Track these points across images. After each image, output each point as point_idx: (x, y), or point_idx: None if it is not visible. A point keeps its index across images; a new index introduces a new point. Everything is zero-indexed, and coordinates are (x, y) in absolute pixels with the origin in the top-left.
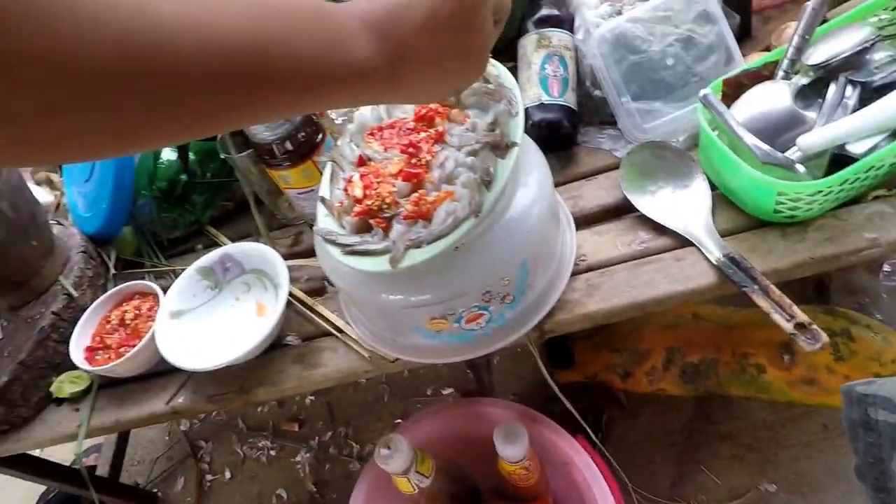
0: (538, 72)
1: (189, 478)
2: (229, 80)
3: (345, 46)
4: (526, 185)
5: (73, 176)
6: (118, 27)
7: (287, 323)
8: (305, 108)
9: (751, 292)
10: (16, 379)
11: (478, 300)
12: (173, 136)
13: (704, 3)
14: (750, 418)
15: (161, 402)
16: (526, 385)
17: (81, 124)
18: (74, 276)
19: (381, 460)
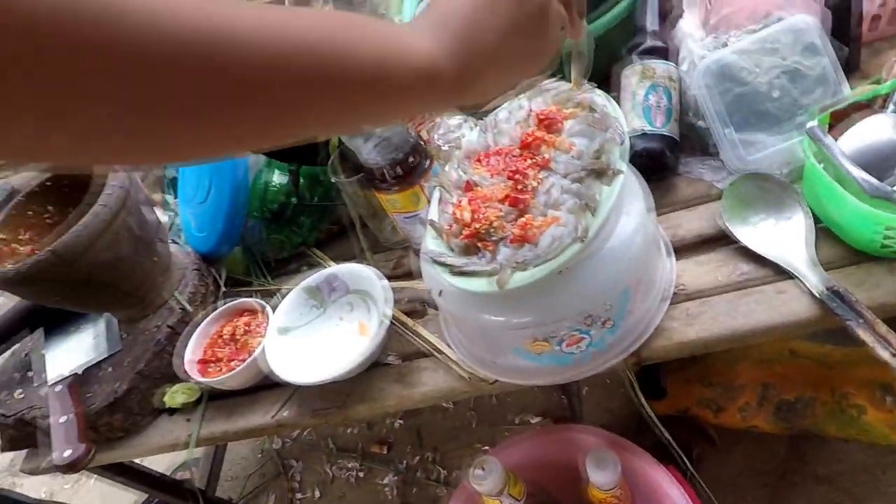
0: (641, 102)
1: (279, 495)
2: (304, 86)
3: (409, 55)
4: (629, 213)
5: (187, 197)
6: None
7: (388, 343)
8: (377, 115)
9: (855, 326)
10: (134, 388)
11: (579, 324)
12: (250, 140)
13: (812, 36)
14: (848, 461)
15: (267, 415)
16: (614, 417)
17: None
18: (189, 291)
19: (474, 481)
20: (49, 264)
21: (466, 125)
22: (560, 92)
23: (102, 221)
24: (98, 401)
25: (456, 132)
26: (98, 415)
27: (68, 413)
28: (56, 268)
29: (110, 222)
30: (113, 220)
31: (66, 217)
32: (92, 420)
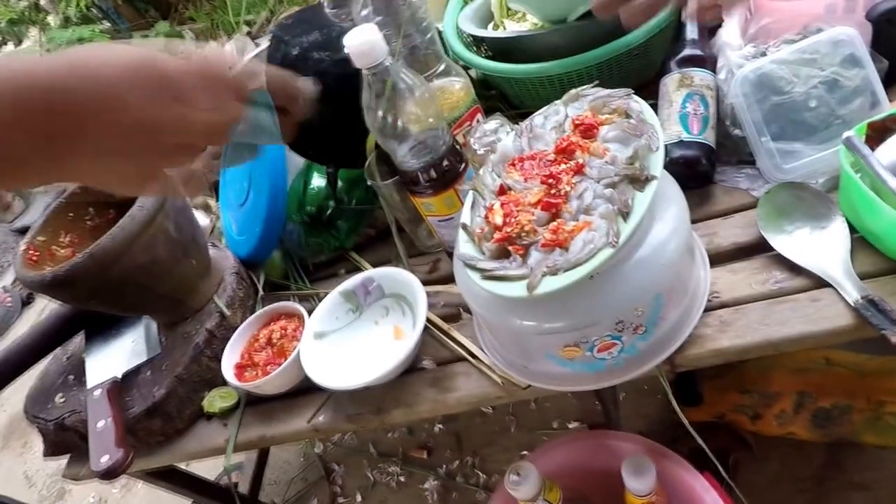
0: (679, 110)
1: (322, 499)
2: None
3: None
4: (663, 219)
5: (228, 201)
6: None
7: (423, 347)
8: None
9: (890, 335)
10: (172, 392)
11: (611, 329)
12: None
13: (852, 47)
14: (886, 469)
15: (303, 419)
16: (650, 423)
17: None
18: (227, 295)
19: (510, 486)
20: (85, 267)
21: (503, 129)
22: (597, 97)
23: (139, 224)
24: (137, 406)
25: (492, 136)
26: (137, 420)
27: (106, 418)
28: (92, 271)
29: (147, 225)
30: (150, 222)
31: (105, 219)
32: (131, 425)
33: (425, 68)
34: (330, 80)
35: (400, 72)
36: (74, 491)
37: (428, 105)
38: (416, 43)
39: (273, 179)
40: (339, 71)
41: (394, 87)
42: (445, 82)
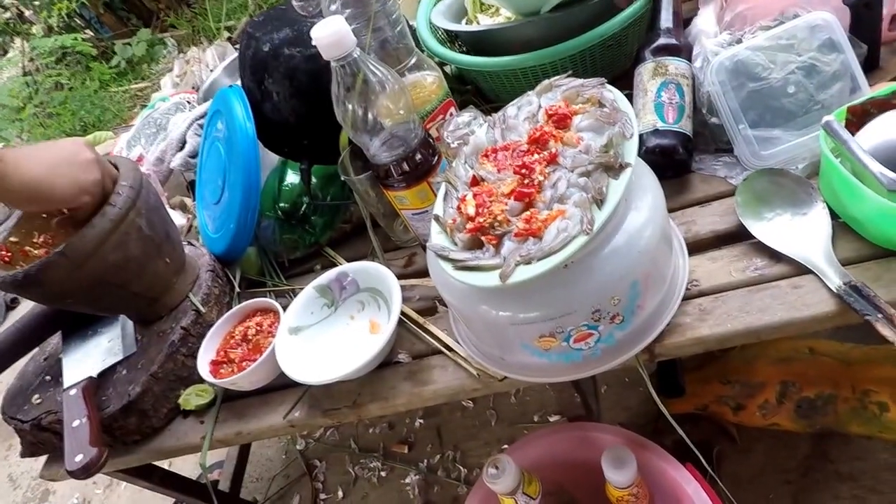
0: (654, 99)
1: (304, 496)
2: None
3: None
4: (638, 208)
5: (204, 199)
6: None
7: (399, 341)
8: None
9: (874, 321)
10: (147, 390)
11: (587, 319)
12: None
13: (830, 32)
14: (871, 459)
15: (279, 415)
16: (632, 416)
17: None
18: (203, 293)
19: (488, 480)
20: (57, 266)
21: (476, 122)
22: (570, 87)
23: (110, 222)
24: (113, 404)
25: (465, 129)
26: (113, 418)
27: (81, 417)
28: (65, 269)
29: (119, 223)
30: (122, 220)
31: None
32: (107, 424)
33: (396, 62)
34: (302, 76)
35: (370, 65)
36: (59, 492)
37: (399, 98)
38: (386, 36)
39: (247, 177)
40: (310, 67)
41: (365, 80)
42: (418, 76)
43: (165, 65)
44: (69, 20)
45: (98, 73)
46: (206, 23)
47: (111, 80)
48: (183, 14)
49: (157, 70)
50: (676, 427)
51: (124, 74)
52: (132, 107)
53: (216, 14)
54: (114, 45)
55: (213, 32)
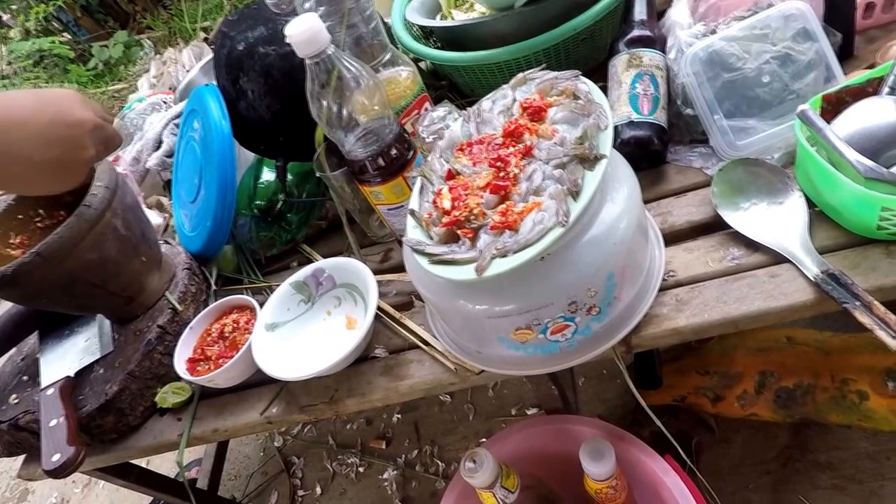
0: (628, 90)
1: (282, 493)
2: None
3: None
4: (614, 199)
5: (180, 198)
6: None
7: (375, 336)
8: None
9: (852, 309)
10: (124, 389)
11: (563, 311)
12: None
13: (804, 21)
14: (851, 448)
15: (256, 412)
16: (611, 408)
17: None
18: (179, 291)
19: (466, 474)
20: (33, 266)
21: (451, 116)
22: (544, 80)
23: (86, 221)
24: (90, 403)
25: (440, 123)
26: (90, 417)
27: (59, 417)
28: (41, 269)
29: (95, 222)
30: (98, 220)
31: (55, 220)
32: (84, 423)
33: (371, 58)
34: (276, 74)
35: (345, 61)
36: (37, 491)
37: (374, 94)
38: (360, 33)
39: (222, 175)
40: (285, 65)
41: (339, 77)
42: (392, 72)
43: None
44: (47, 23)
45: (76, 75)
46: (182, 24)
47: (89, 83)
48: (159, 15)
49: (134, 71)
50: (654, 419)
51: (102, 76)
52: (110, 108)
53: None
54: (91, 47)
55: (189, 33)
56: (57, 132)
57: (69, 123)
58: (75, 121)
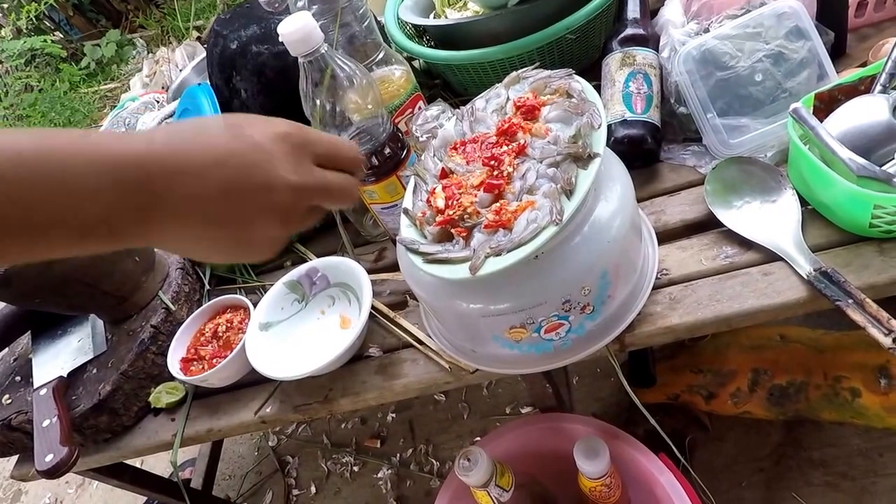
0: (622, 89)
1: (277, 492)
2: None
3: (72, 209)
4: (607, 198)
5: None
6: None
7: (370, 335)
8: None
9: (845, 307)
10: (118, 389)
11: (557, 309)
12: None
13: (797, 19)
14: (844, 445)
15: (250, 411)
16: (605, 406)
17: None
18: (172, 291)
19: (460, 472)
20: (25, 266)
21: (445, 115)
22: (537, 79)
23: None
24: (83, 403)
25: (434, 122)
26: (83, 417)
27: (52, 417)
28: (33, 269)
29: None
30: None
31: None
32: (78, 423)
33: (364, 57)
34: (269, 73)
35: (338, 60)
36: (31, 492)
37: (367, 93)
38: (354, 31)
39: None
40: (278, 63)
41: (332, 76)
42: (386, 71)
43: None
44: (38, 22)
45: (68, 74)
46: (174, 23)
47: (81, 82)
48: (152, 14)
49: (126, 71)
50: (648, 417)
51: (94, 75)
52: (102, 107)
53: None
54: (83, 46)
55: (182, 32)
56: (226, 206)
57: (253, 187)
58: (261, 184)
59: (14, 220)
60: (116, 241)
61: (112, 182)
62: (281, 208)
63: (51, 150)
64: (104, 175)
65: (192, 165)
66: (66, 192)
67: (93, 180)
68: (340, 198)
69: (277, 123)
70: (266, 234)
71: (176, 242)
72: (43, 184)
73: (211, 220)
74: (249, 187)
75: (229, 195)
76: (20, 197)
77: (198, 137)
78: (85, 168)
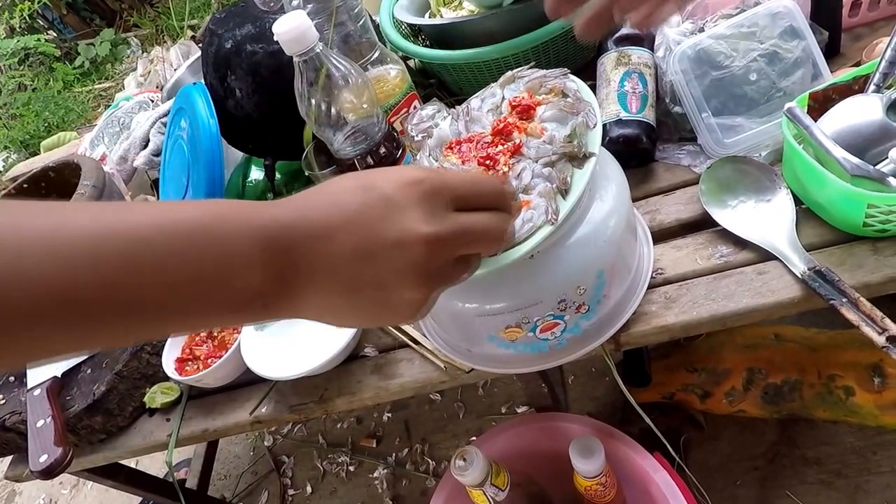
0: (617, 89)
1: (272, 492)
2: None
3: (227, 279)
4: (603, 197)
5: (168, 197)
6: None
7: (365, 335)
8: (175, 332)
9: (839, 305)
10: (112, 389)
11: (553, 309)
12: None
13: (791, 19)
14: (837, 443)
15: (245, 411)
16: (600, 405)
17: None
18: None
19: (456, 472)
20: None
21: (440, 115)
22: (533, 78)
23: None
24: (77, 403)
25: (429, 122)
26: (78, 418)
27: (46, 417)
28: None
29: None
30: None
31: None
32: (72, 424)
33: (359, 56)
34: (264, 72)
35: (333, 59)
36: (25, 493)
37: (363, 92)
38: (349, 31)
39: (210, 174)
40: (273, 62)
41: (328, 75)
42: (381, 70)
43: (129, 64)
44: (32, 21)
45: (62, 73)
46: (169, 22)
47: (75, 81)
48: (146, 13)
49: (120, 70)
50: (643, 416)
51: (88, 75)
52: (96, 107)
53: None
54: (77, 45)
55: (176, 31)
56: (359, 269)
57: (383, 245)
58: (392, 241)
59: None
60: (267, 311)
61: (261, 250)
62: (417, 265)
63: (207, 220)
64: (256, 242)
65: (323, 228)
66: (221, 262)
67: (247, 248)
68: (486, 241)
69: (408, 171)
70: (404, 295)
71: (318, 310)
72: (195, 254)
73: (346, 285)
74: (380, 246)
75: (360, 257)
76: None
77: (326, 198)
78: (236, 235)
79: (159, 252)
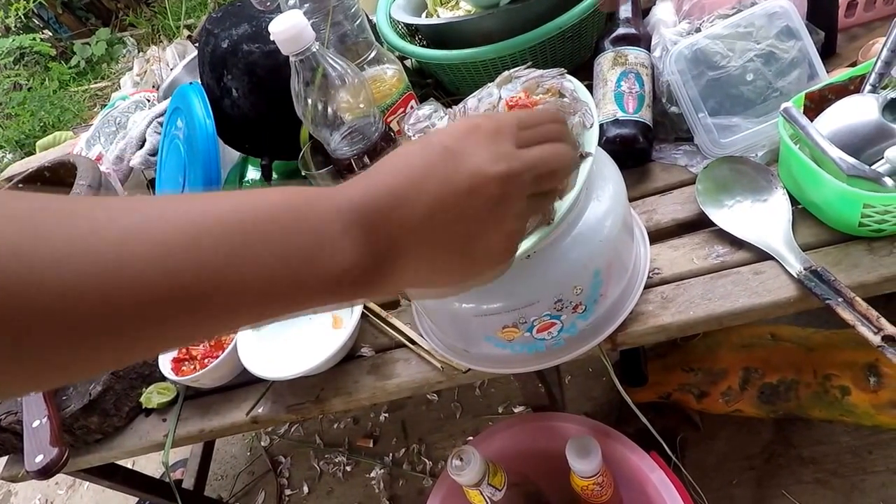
0: (613, 89)
1: (269, 492)
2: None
3: (319, 259)
4: (599, 197)
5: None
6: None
7: (362, 335)
8: (274, 317)
9: (835, 305)
10: (109, 389)
11: (549, 309)
12: (111, 363)
13: (787, 19)
14: (833, 442)
15: (242, 412)
16: (597, 405)
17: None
18: None
19: (453, 472)
20: None
21: (437, 115)
22: (530, 78)
23: None
24: (74, 403)
25: (426, 122)
26: (74, 418)
27: (42, 417)
28: None
29: None
30: None
31: None
32: (68, 424)
33: (356, 56)
34: (261, 72)
35: (329, 59)
36: (20, 493)
37: (359, 92)
38: (345, 30)
39: (207, 174)
40: (269, 62)
41: (324, 75)
42: (378, 70)
43: (125, 64)
44: (27, 20)
45: (57, 73)
46: (165, 21)
47: (71, 80)
48: (142, 13)
49: (116, 69)
50: (640, 415)
51: (84, 74)
52: (92, 106)
53: (175, 12)
54: (73, 44)
55: (172, 31)
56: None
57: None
58: (462, 189)
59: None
60: (362, 290)
61: (341, 233)
62: (496, 208)
63: (294, 204)
64: (342, 224)
65: (393, 197)
66: (311, 246)
67: (338, 229)
68: (556, 170)
69: (462, 121)
70: (491, 241)
71: (413, 278)
72: (286, 241)
73: (431, 245)
74: (454, 197)
75: (436, 213)
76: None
77: (389, 167)
78: (324, 218)
79: (252, 240)
